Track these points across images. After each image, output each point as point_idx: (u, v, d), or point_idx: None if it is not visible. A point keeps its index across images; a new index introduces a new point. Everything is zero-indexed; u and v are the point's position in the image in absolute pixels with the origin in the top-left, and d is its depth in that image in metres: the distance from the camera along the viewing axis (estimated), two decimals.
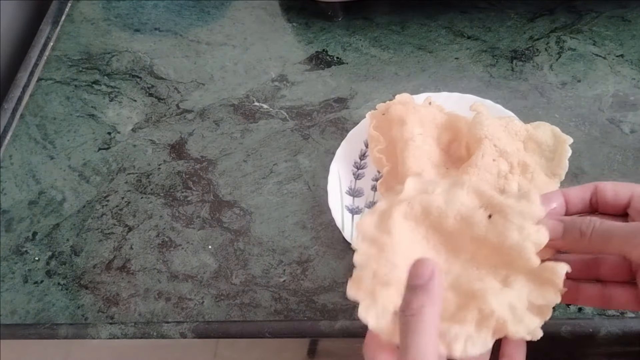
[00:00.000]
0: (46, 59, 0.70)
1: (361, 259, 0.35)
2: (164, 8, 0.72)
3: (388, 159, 0.50)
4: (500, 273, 0.34)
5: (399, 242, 0.35)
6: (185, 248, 0.53)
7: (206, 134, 0.60)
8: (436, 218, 0.36)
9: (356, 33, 0.64)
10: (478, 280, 0.34)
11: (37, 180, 0.60)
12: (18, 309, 0.52)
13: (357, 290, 0.34)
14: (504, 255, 0.34)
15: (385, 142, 0.50)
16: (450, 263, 0.36)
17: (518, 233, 0.34)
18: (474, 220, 0.35)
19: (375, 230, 0.36)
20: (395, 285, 0.33)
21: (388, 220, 0.35)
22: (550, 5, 0.62)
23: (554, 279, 0.33)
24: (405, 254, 0.35)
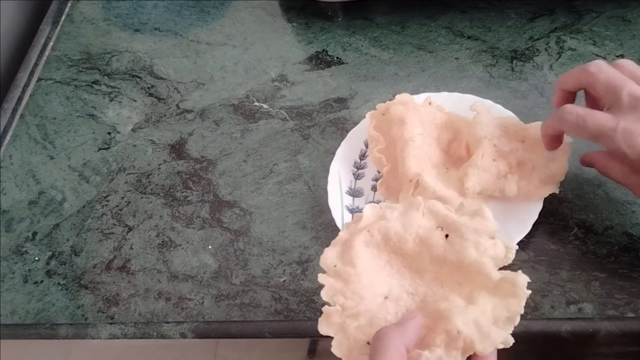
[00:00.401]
0: (46, 59, 0.70)
1: (328, 294, 0.36)
2: (164, 8, 0.72)
3: (388, 159, 0.50)
4: (463, 290, 0.36)
5: (363, 272, 0.36)
6: (185, 248, 0.53)
7: (206, 134, 0.60)
8: (396, 243, 0.37)
9: (356, 33, 0.64)
10: (443, 299, 0.35)
11: (37, 180, 0.60)
12: (18, 309, 0.52)
13: (328, 326, 0.35)
14: (464, 273, 0.36)
15: (385, 142, 0.50)
16: (416, 284, 0.37)
17: (475, 250, 0.36)
18: (432, 242, 0.37)
19: (339, 262, 0.37)
20: (364, 316, 0.35)
21: (350, 250, 0.36)
22: (550, 5, 0.62)
23: (515, 291, 0.34)
24: (370, 283, 0.36)
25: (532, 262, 0.46)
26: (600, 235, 0.46)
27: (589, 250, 0.46)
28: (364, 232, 0.37)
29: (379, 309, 0.36)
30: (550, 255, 0.46)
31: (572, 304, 0.44)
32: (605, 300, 0.43)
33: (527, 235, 0.45)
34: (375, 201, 0.50)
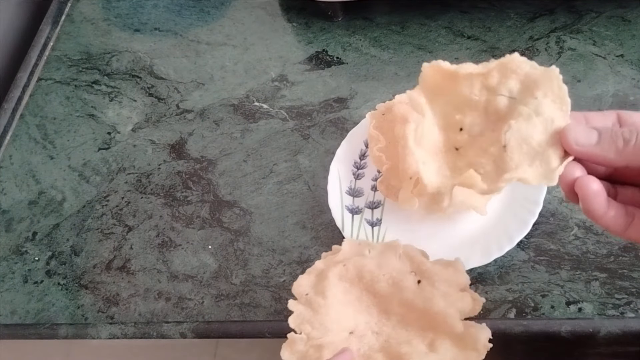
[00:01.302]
0: (46, 59, 0.70)
1: (295, 321, 0.37)
2: (164, 8, 0.72)
3: (388, 157, 0.50)
4: (427, 336, 0.36)
5: (333, 304, 0.36)
6: (185, 248, 0.53)
7: (206, 134, 0.60)
8: (369, 281, 0.38)
9: (356, 33, 0.64)
10: (406, 343, 0.36)
11: (37, 180, 0.60)
12: (18, 309, 0.52)
13: (291, 353, 0.36)
14: (430, 320, 0.36)
15: (385, 142, 0.50)
16: (382, 324, 0.37)
17: (443, 300, 0.36)
18: (404, 285, 0.37)
19: (311, 291, 0.38)
20: (328, 348, 0.35)
21: (323, 281, 0.37)
22: (550, 5, 0.62)
23: (476, 345, 0.35)
24: (338, 316, 0.36)
25: (532, 262, 0.46)
26: (600, 235, 0.46)
27: (589, 250, 0.46)
28: (339, 265, 0.38)
29: (343, 343, 0.36)
30: (550, 255, 0.46)
31: (572, 304, 0.44)
32: (605, 300, 0.43)
33: (527, 235, 0.45)
34: (375, 202, 0.50)
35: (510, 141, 0.31)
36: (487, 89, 0.33)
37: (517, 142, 0.31)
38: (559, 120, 0.31)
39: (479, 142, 0.33)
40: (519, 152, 0.31)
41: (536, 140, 0.31)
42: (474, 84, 0.33)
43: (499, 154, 0.31)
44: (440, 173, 0.34)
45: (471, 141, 0.33)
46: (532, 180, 0.30)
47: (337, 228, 0.49)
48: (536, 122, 0.31)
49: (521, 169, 0.30)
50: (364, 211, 0.50)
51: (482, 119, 0.33)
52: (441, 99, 0.34)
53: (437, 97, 0.34)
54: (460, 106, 0.34)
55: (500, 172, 0.31)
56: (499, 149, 0.31)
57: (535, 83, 0.32)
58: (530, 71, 0.32)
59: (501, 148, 0.31)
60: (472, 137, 0.33)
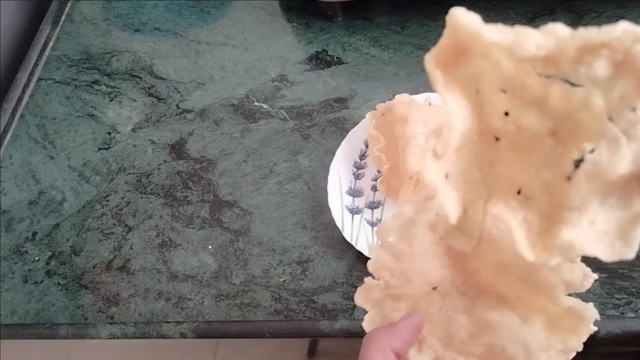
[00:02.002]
0: (46, 59, 0.70)
1: (375, 266, 0.32)
2: (164, 8, 0.72)
3: (388, 157, 0.50)
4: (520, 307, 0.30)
5: (418, 254, 0.31)
6: (185, 248, 0.53)
7: (206, 134, 0.60)
8: None
9: (356, 33, 0.64)
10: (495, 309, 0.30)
11: (37, 180, 0.60)
12: (18, 309, 0.52)
13: (365, 299, 0.32)
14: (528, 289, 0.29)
15: (385, 142, 0.50)
16: (470, 285, 0.31)
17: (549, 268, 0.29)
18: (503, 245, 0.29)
19: (396, 236, 0.32)
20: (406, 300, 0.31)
21: (411, 228, 0.31)
22: (550, 5, 0.62)
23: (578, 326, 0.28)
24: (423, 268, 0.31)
25: None
26: None
27: None
28: (432, 212, 0.31)
29: (423, 298, 0.31)
30: None
31: None
32: (605, 300, 0.43)
33: None
34: (375, 202, 0.50)
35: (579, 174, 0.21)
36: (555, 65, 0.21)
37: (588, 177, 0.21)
38: None
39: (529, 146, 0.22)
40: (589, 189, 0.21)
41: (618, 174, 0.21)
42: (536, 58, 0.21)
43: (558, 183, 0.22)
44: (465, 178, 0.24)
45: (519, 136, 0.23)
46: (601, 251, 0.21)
47: (337, 228, 0.49)
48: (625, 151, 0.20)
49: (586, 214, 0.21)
50: (364, 211, 0.50)
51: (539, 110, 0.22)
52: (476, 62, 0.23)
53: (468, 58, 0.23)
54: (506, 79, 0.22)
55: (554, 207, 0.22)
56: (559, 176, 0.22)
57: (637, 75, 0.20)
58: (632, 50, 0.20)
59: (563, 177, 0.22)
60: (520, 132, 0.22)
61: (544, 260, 0.21)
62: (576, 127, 0.21)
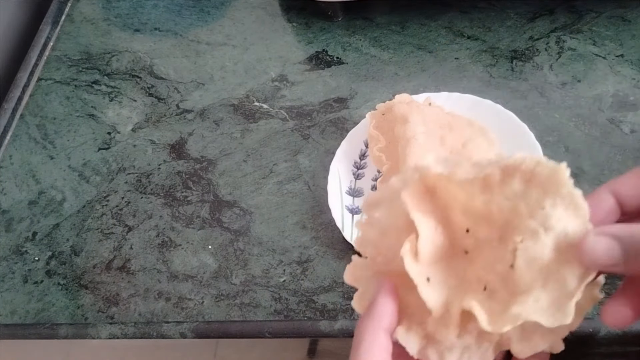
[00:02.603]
0: (46, 59, 0.70)
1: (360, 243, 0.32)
2: (164, 8, 0.72)
3: (388, 157, 0.50)
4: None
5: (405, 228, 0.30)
6: (185, 248, 0.53)
7: (206, 134, 0.60)
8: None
9: (356, 33, 0.64)
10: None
11: (37, 180, 0.60)
12: (18, 309, 0.52)
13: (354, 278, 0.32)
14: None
15: (385, 142, 0.50)
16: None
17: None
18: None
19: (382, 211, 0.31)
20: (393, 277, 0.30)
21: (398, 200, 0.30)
22: (550, 5, 0.62)
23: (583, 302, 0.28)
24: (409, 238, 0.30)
25: None
26: None
27: None
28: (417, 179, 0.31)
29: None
30: None
31: None
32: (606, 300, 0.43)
33: None
34: None
35: (518, 261, 0.27)
36: (489, 188, 0.29)
37: (525, 263, 0.27)
38: (574, 232, 0.27)
39: (486, 250, 0.29)
40: (529, 273, 0.27)
41: (548, 258, 0.27)
42: (474, 184, 0.29)
43: (507, 273, 0.27)
44: (448, 284, 0.29)
45: (479, 247, 0.29)
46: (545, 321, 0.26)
47: (337, 228, 0.49)
48: (545, 240, 0.27)
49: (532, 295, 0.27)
50: None
51: (487, 222, 0.29)
52: (443, 196, 0.30)
53: (438, 194, 0.30)
54: (462, 205, 0.30)
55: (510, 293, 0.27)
56: (505, 268, 0.28)
57: (543, 187, 0.28)
58: (536, 170, 0.28)
59: (508, 267, 0.27)
60: (479, 242, 0.29)
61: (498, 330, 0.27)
62: (510, 227, 0.28)
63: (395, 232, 0.30)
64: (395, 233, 0.30)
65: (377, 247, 0.31)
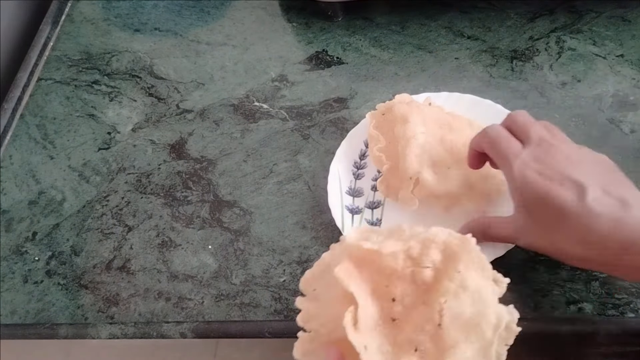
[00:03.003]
0: (46, 59, 0.70)
1: (303, 319, 0.35)
2: (164, 8, 0.72)
3: (388, 157, 0.50)
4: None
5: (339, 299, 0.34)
6: (185, 248, 0.53)
7: (206, 134, 0.60)
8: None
9: (356, 33, 0.64)
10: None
11: (37, 180, 0.60)
12: (18, 309, 0.52)
13: (303, 354, 0.35)
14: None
15: (385, 142, 0.50)
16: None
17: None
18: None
19: (318, 285, 0.36)
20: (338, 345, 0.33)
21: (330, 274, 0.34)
22: (550, 5, 0.62)
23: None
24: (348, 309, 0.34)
25: (532, 262, 0.46)
26: None
27: None
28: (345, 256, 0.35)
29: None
30: None
31: (572, 304, 0.44)
32: (605, 300, 0.43)
33: None
34: (375, 202, 0.50)
35: (444, 320, 0.32)
36: (411, 259, 0.34)
37: (450, 320, 0.32)
38: (485, 290, 0.33)
39: (413, 315, 0.34)
40: (454, 329, 0.32)
41: (468, 315, 0.32)
42: (398, 256, 0.34)
43: (436, 331, 0.32)
44: (381, 350, 0.33)
45: (406, 313, 0.34)
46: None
47: (337, 228, 0.49)
48: (464, 298, 0.33)
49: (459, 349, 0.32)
50: (364, 211, 0.50)
51: (411, 289, 0.34)
52: (371, 268, 0.34)
53: (366, 266, 0.34)
54: (389, 276, 0.34)
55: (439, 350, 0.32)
56: (434, 326, 0.32)
57: (456, 254, 0.34)
58: (448, 240, 0.34)
59: (436, 327, 0.32)
60: (406, 309, 0.34)
61: None
62: (433, 291, 0.33)
63: (334, 304, 0.34)
64: (333, 305, 0.34)
65: (319, 320, 0.35)
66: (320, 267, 0.37)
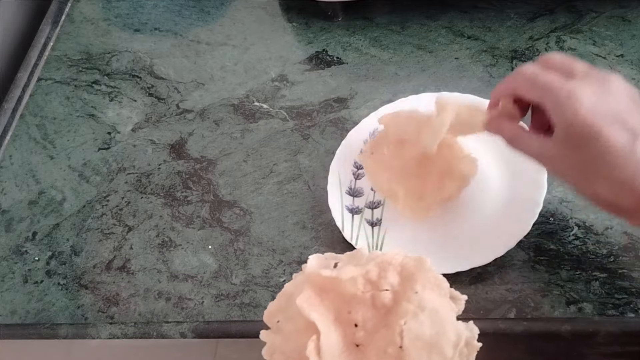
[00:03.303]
0: (46, 59, 0.70)
1: (268, 352, 0.36)
2: (164, 8, 0.72)
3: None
4: None
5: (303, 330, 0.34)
6: (185, 248, 0.53)
7: (206, 134, 0.60)
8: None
9: (356, 33, 0.64)
10: None
11: (37, 180, 0.60)
12: (18, 309, 0.52)
13: None
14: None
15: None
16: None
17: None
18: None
19: (282, 317, 0.36)
20: None
21: (293, 305, 0.35)
22: (550, 5, 0.62)
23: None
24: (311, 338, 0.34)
25: (532, 262, 0.46)
26: (600, 235, 0.46)
27: (589, 250, 0.46)
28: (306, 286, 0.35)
29: None
30: (550, 255, 0.46)
31: (572, 304, 0.44)
32: (605, 300, 0.43)
33: (527, 235, 0.45)
34: (375, 202, 0.50)
35: (405, 341, 0.33)
36: (370, 283, 0.35)
37: (411, 341, 0.33)
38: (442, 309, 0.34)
39: (376, 339, 0.34)
40: (415, 350, 0.33)
41: (428, 334, 0.33)
42: (357, 281, 0.34)
43: (398, 353, 0.33)
44: None
45: (369, 337, 0.34)
46: None
47: (337, 228, 0.49)
48: (423, 318, 0.33)
49: None
50: (364, 211, 0.50)
51: (372, 313, 0.34)
52: (331, 294, 0.35)
53: (327, 293, 0.35)
54: (350, 302, 0.35)
55: None
56: (396, 349, 0.33)
57: (412, 275, 0.34)
58: (404, 262, 0.35)
59: (398, 349, 0.33)
60: (368, 333, 0.34)
61: None
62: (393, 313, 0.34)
63: (297, 335, 0.34)
64: (297, 336, 0.34)
65: (283, 353, 0.35)
66: (282, 298, 0.37)
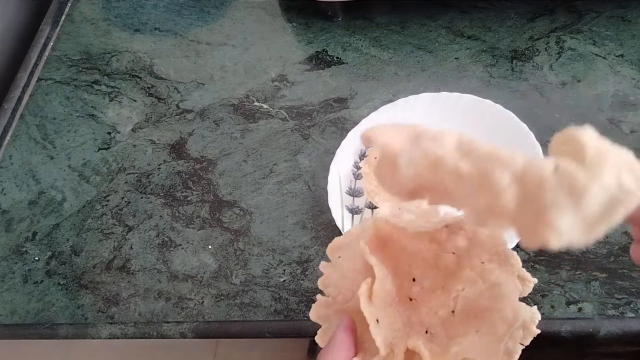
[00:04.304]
0: (46, 59, 0.70)
1: (323, 283, 0.36)
2: (164, 8, 0.72)
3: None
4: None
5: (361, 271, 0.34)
6: (185, 248, 0.53)
7: (206, 134, 0.60)
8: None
9: (356, 33, 0.64)
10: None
11: (37, 180, 0.60)
12: (18, 309, 0.52)
13: (317, 316, 0.35)
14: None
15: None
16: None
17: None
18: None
19: (343, 254, 0.36)
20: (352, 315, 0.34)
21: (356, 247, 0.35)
22: (550, 5, 0.62)
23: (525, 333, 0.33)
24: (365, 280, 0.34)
25: (532, 262, 0.46)
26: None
27: (589, 250, 0.46)
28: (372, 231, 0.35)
29: None
30: (550, 255, 0.46)
31: (572, 304, 0.44)
32: (605, 300, 0.43)
33: None
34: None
35: (458, 307, 0.32)
36: (436, 242, 0.34)
37: (464, 309, 0.32)
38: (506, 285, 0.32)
39: (430, 298, 0.33)
40: (466, 318, 0.32)
41: (483, 306, 0.32)
42: (423, 238, 0.34)
43: (448, 317, 0.32)
44: (393, 327, 0.33)
45: (424, 294, 0.34)
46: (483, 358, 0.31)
47: (337, 228, 0.49)
48: (482, 289, 0.32)
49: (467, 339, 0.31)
50: (364, 211, 0.50)
51: (433, 272, 0.34)
52: (396, 244, 0.34)
53: (392, 242, 0.34)
54: (412, 256, 0.34)
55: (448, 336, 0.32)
56: (448, 312, 0.32)
57: (482, 244, 0.33)
58: (478, 230, 0.34)
59: (450, 312, 0.32)
60: (424, 290, 0.34)
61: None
62: (453, 277, 0.33)
63: (354, 275, 0.34)
64: (353, 275, 0.34)
65: (337, 287, 0.35)
66: (348, 237, 0.37)
